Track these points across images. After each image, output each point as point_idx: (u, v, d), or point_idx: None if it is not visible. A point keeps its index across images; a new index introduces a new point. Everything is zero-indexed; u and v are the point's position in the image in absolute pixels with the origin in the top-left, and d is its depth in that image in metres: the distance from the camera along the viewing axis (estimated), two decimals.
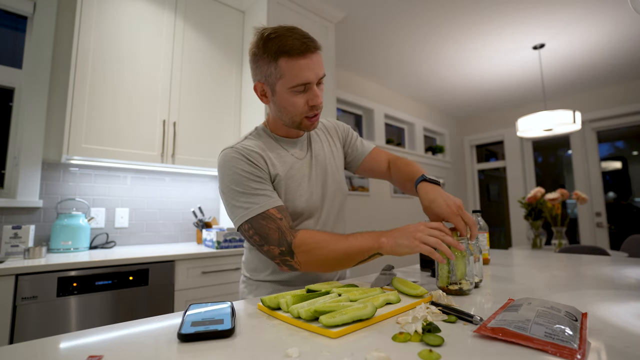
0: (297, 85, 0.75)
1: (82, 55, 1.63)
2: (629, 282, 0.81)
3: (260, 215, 0.74)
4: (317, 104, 0.78)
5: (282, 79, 0.75)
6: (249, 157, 0.78)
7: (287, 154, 0.87)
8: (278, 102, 0.80)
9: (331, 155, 0.96)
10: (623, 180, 3.81)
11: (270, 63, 0.75)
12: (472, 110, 4.69)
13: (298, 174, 0.86)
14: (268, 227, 0.74)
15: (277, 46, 0.73)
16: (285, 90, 0.77)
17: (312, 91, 0.77)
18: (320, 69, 0.78)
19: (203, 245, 1.96)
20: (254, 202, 0.75)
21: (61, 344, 0.45)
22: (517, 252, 1.55)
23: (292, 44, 0.73)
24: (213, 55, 2.11)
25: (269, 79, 0.78)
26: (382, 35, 2.72)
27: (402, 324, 0.49)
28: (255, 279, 0.90)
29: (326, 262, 0.74)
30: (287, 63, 0.74)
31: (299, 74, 0.74)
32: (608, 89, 3.80)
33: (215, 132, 2.08)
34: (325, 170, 0.92)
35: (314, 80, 0.76)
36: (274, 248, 0.74)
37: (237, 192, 0.76)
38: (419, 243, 0.66)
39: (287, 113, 0.80)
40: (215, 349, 0.43)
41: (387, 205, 3.65)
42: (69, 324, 1.30)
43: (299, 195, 0.84)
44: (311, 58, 0.75)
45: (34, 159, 1.69)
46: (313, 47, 0.76)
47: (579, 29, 2.63)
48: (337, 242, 0.72)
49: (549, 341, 0.41)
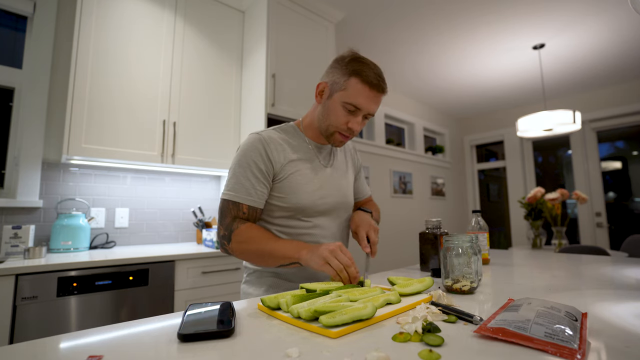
0: (350, 103, 0.84)
1: (82, 55, 1.63)
2: (629, 282, 0.82)
3: (232, 201, 0.85)
4: (354, 128, 0.88)
5: (344, 91, 0.85)
6: (266, 146, 0.87)
7: (309, 152, 0.94)
8: (327, 106, 0.89)
9: (346, 172, 1.04)
10: (623, 180, 3.80)
11: (343, 75, 0.85)
12: (472, 110, 4.69)
13: (311, 172, 0.92)
14: (229, 212, 0.86)
15: (357, 67, 0.84)
16: (339, 100, 0.86)
17: (357, 117, 0.87)
18: (374, 107, 0.87)
19: (203, 245, 1.96)
20: (237, 190, 0.85)
21: (61, 344, 0.45)
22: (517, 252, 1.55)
23: (368, 74, 0.84)
24: (213, 55, 2.11)
25: (334, 85, 0.87)
26: (382, 35, 2.72)
27: (402, 324, 0.49)
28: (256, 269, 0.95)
29: (252, 256, 0.84)
30: (356, 84, 0.84)
31: (357, 97, 0.84)
32: (608, 89, 3.80)
33: (215, 132, 2.08)
34: (342, 181, 1.00)
35: (364, 109, 0.86)
36: (221, 228, 0.87)
37: (233, 173, 0.88)
38: (324, 263, 0.73)
39: (327, 120, 0.89)
40: (215, 349, 0.43)
41: (387, 205, 3.65)
42: (69, 324, 1.30)
43: (304, 192, 0.89)
44: (375, 94, 0.86)
45: (34, 159, 1.69)
46: (381, 88, 0.86)
47: (579, 29, 2.63)
48: (266, 243, 0.82)
49: (549, 341, 0.41)
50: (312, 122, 0.95)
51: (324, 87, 0.90)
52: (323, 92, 0.90)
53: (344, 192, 0.99)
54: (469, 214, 4.93)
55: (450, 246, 0.74)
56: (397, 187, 3.78)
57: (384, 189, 3.64)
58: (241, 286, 0.99)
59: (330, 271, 0.72)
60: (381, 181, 3.61)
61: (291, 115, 2.05)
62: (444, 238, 0.76)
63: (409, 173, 3.98)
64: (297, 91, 2.11)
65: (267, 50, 1.98)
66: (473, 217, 1.16)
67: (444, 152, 4.65)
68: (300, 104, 2.11)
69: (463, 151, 5.07)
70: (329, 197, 0.93)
